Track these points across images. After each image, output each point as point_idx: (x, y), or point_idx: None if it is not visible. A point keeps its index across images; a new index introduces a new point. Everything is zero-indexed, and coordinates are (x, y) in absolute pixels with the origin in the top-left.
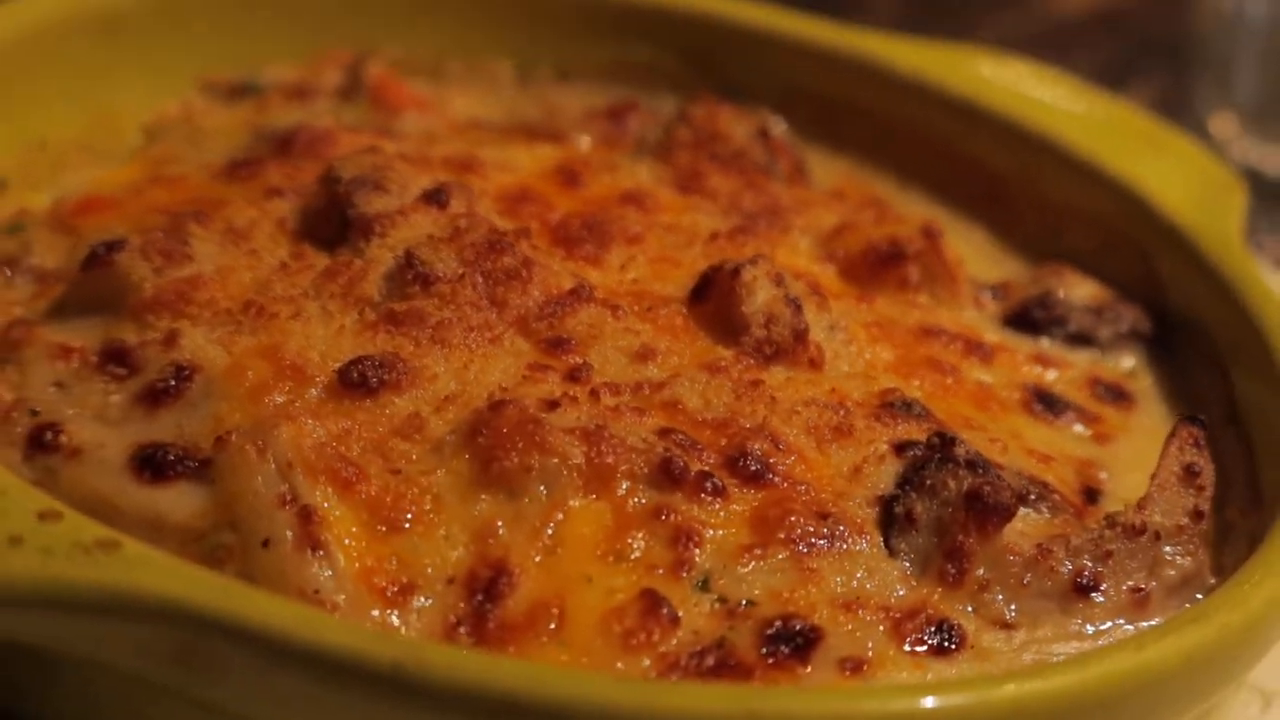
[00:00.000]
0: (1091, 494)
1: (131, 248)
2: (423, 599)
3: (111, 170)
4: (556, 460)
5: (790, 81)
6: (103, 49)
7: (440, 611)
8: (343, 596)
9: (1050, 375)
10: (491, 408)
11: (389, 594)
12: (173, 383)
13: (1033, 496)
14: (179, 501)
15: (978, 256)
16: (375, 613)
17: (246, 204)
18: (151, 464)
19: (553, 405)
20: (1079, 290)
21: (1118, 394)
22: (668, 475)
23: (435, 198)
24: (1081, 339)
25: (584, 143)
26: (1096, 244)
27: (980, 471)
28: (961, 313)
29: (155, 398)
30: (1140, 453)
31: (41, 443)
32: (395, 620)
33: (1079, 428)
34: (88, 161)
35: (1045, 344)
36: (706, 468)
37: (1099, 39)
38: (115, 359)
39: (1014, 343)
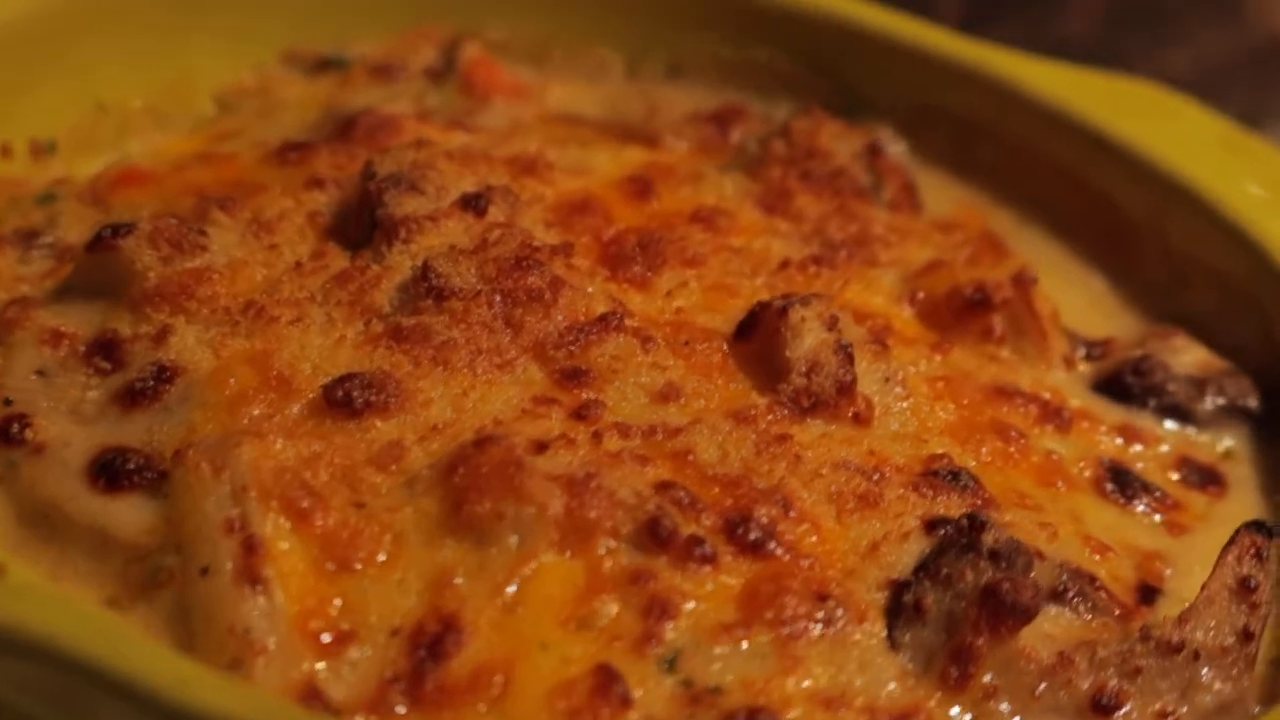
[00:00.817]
0: (1148, 592)
1: (140, 233)
2: (361, 650)
3: (174, 139)
4: (533, 510)
5: (919, 98)
6: (183, 10)
7: (377, 665)
8: (274, 640)
9: (1134, 449)
10: (476, 444)
11: (325, 642)
12: (152, 384)
13: (1071, 593)
14: (129, 515)
15: (1090, 307)
16: (305, 663)
17: (284, 193)
18: (109, 471)
19: (542, 447)
20: (1185, 356)
21: (1208, 477)
22: (654, 536)
23: (474, 203)
24: (1178, 412)
25: (679, 148)
26: (1217, 304)
27: (1005, 565)
28: (1048, 372)
29: (132, 398)
30: (1218, 548)
31: (8, 435)
32: (324, 671)
33: (1152, 514)
34: (151, 128)
35: (1136, 414)
36: (700, 531)
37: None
38: (103, 351)
39: (1100, 410)
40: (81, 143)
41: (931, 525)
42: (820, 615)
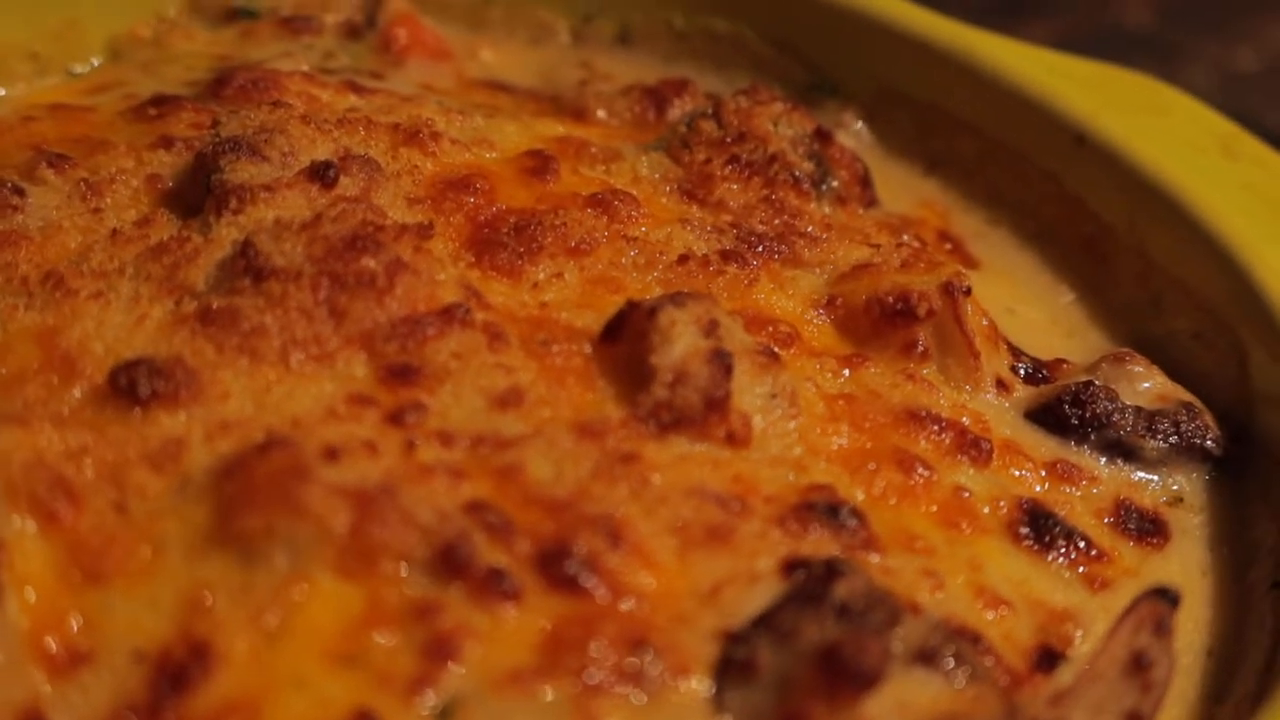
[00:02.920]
0: (1049, 657)
1: None
2: (97, 674)
3: (50, 88)
4: (311, 526)
5: (888, 80)
6: None
7: (113, 692)
8: (2, 656)
9: (1064, 490)
10: (261, 447)
11: (58, 661)
12: None
13: (945, 656)
14: None
15: (1051, 323)
16: (32, 683)
17: (127, 151)
18: None
19: (336, 455)
20: (1141, 385)
21: (1148, 524)
22: (448, 564)
23: (322, 174)
24: (1121, 448)
25: (608, 124)
26: (1190, 329)
27: (852, 621)
28: (974, 395)
29: None
30: None
31: None
32: (52, 695)
33: (1071, 566)
34: (30, 73)
35: (1073, 449)
36: (508, 561)
37: None
38: None
39: (1030, 442)
40: None
41: (791, 567)
42: (633, 667)
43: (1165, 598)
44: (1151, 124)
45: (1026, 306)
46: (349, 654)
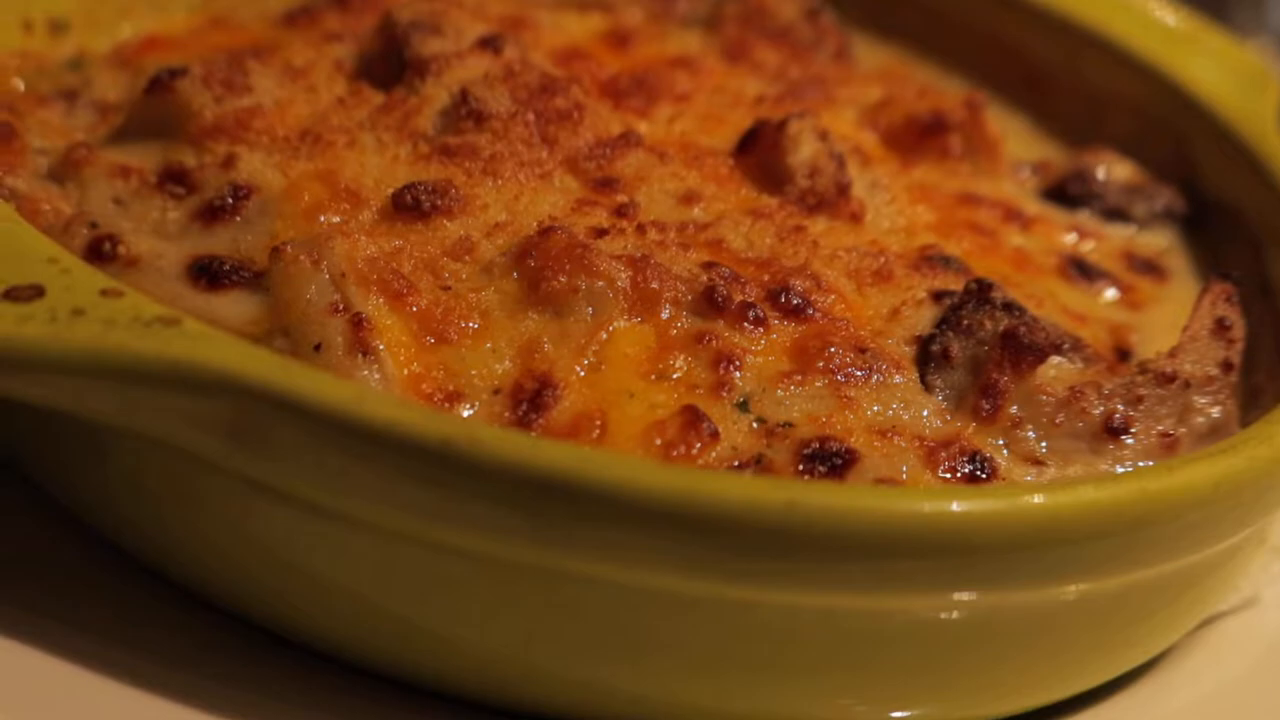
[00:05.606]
0: (1123, 354)
1: (194, 75)
2: (469, 406)
3: (172, 20)
4: (603, 283)
5: None
6: None
7: (486, 419)
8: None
9: (1086, 246)
10: (541, 233)
11: (436, 400)
12: (230, 200)
13: (1066, 347)
14: (234, 308)
15: (1017, 140)
16: None
17: (305, 46)
18: (207, 273)
19: (601, 233)
20: (1116, 170)
21: (1151, 268)
22: (711, 303)
23: (491, 44)
24: (1117, 214)
25: (633, 14)
26: (1134, 130)
27: (1017, 314)
28: (1001, 184)
29: (213, 214)
30: (1172, 320)
31: (100, 252)
32: None
33: (1113, 294)
34: (148, 12)
35: (1082, 217)
36: (749, 299)
37: None
38: (174, 179)
39: (1051, 214)
40: (90, 22)
41: (938, 296)
42: (863, 363)
43: (1230, 277)
44: None
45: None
46: (659, 371)
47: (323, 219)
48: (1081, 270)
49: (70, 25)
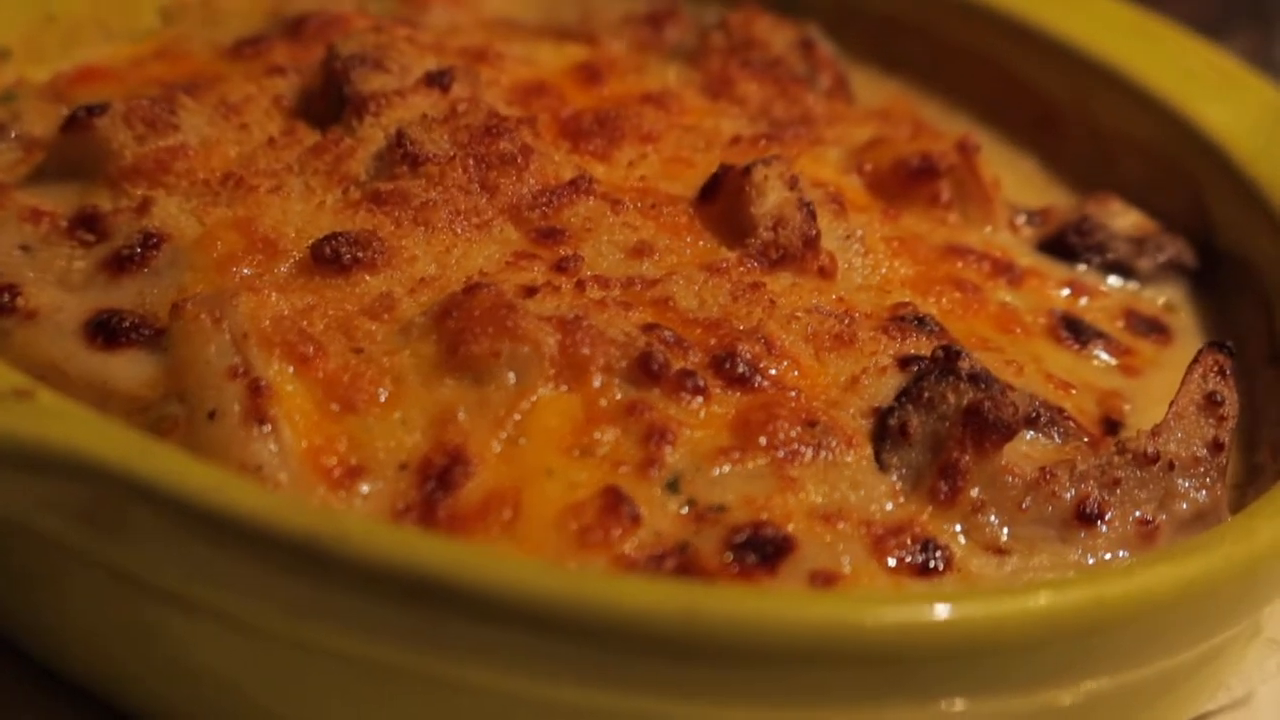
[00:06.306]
0: (1112, 425)
1: (114, 112)
2: (371, 483)
3: (121, 48)
4: (528, 347)
5: None
6: None
7: (388, 497)
8: (285, 475)
9: (1082, 303)
10: (466, 290)
11: (335, 475)
12: (139, 250)
13: (1043, 420)
14: (129, 369)
15: (1023, 184)
16: (318, 495)
17: (245, 80)
18: (105, 330)
19: (531, 292)
20: (1122, 219)
21: (1153, 327)
22: (646, 371)
23: (438, 80)
24: (1119, 268)
25: (616, 47)
26: (1147, 175)
27: (983, 386)
28: (994, 234)
29: (120, 264)
30: (1170, 387)
31: None
32: (338, 503)
33: (1106, 358)
34: (98, 39)
35: (1080, 271)
36: (690, 366)
37: None
38: (85, 225)
39: (1047, 268)
40: (32, 52)
41: (904, 362)
42: (811, 439)
43: (1223, 349)
44: (1075, 13)
45: (999, 173)
46: (583, 446)
47: (235, 271)
48: (1074, 330)
49: (11, 53)
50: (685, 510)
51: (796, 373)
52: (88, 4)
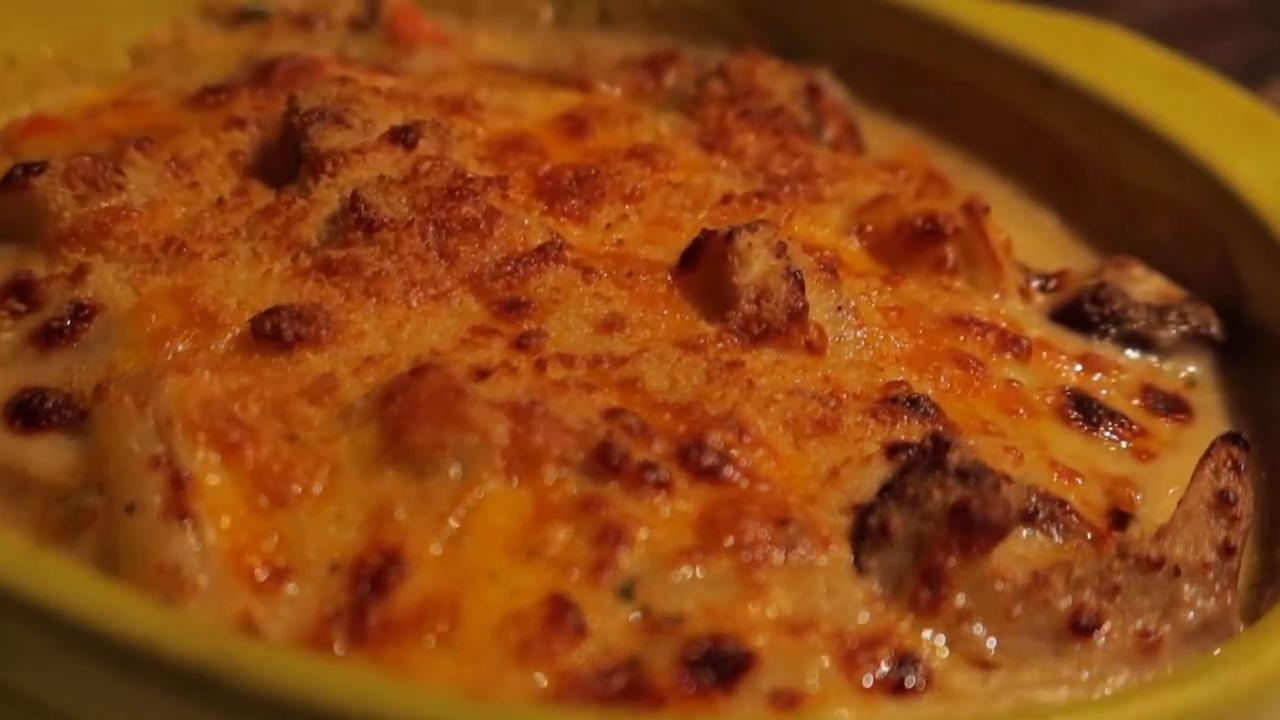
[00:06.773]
0: (1120, 518)
1: (53, 171)
2: (300, 585)
3: (87, 92)
4: (475, 437)
5: (857, 42)
6: None
7: (316, 601)
8: (205, 577)
9: (1096, 378)
10: (413, 372)
11: (260, 578)
12: (69, 322)
13: (1041, 516)
14: (49, 455)
15: (1041, 242)
16: (240, 601)
17: (202, 134)
18: (25, 411)
19: (485, 374)
20: (1143, 286)
21: (1173, 405)
22: (604, 463)
23: (403, 137)
24: (1138, 340)
25: (612, 93)
26: (1173, 234)
27: (973, 483)
28: (1003, 302)
29: (49, 337)
30: (1187, 473)
31: None
32: (261, 609)
33: (1119, 441)
34: (65, 81)
35: (1096, 343)
36: (653, 457)
37: (1248, 28)
38: (17, 293)
39: (1059, 339)
40: None
41: (893, 450)
42: (782, 540)
43: (1237, 441)
44: (1104, 61)
45: (1015, 231)
46: (531, 547)
47: (169, 347)
48: (1084, 411)
49: None
50: (638, 619)
51: (773, 463)
52: (54, 45)
